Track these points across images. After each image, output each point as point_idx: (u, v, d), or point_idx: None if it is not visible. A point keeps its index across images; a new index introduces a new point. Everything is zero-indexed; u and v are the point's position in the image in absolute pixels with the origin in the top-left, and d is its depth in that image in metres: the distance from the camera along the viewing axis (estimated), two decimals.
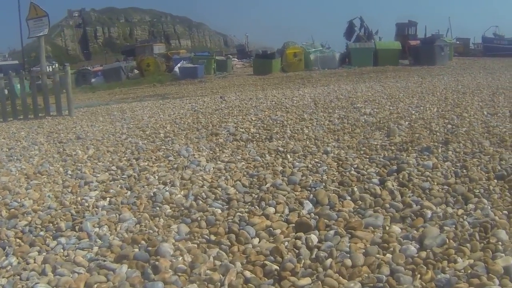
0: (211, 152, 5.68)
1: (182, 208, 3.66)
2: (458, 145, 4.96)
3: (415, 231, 2.87)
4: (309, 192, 3.77)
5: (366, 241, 2.78)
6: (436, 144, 5.06)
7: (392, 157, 4.57)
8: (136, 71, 33.44)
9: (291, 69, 27.17)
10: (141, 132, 7.80)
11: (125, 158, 5.70)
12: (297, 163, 4.68)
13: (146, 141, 6.81)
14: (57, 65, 71.63)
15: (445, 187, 3.61)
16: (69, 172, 5.12)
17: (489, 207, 3.15)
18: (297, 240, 2.83)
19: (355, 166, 4.39)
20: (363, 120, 6.91)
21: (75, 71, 36.59)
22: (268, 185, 4.02)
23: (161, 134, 7.32)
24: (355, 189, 3.68)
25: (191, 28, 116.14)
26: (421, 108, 8.04)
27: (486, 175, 3.85)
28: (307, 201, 3.55)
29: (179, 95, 17.57)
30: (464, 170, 4.00)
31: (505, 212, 3.07)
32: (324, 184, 3.92)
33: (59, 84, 13.38)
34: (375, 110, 7.98)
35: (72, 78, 32.54)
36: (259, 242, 2.92)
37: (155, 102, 14.54)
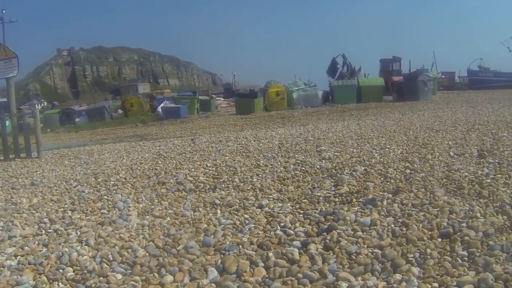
0: (149, 203, 5.25)
1: (85, 271, 3.31)
2: (408, 195, 4.50)
3: None
4: (222, 255, 3.30)
5: None
6: (384, 194, 4.60)
7: (329, 212, 4.08)
8: (120, 111, 33.21)
9: (273, 108, 26.97)
10: (93, 179, 7.40)
11: (62, 209, 5.36)
12: (223, 220, 4.21)
13: (92, 190, 6.44)
14: (45, 103, 71.77)
15: (376, 250, 3.12)
16: (1, 224, 4.83)
17: (416, 280, 2.66)
18: None
19: (283, 224, 3.90)
20: (318, 166, 6.44)
21: (59, 111, 36.49)
22: (180, 247, 3.58)
23: (111, 182, 6.92)
24: (271, 254, 3.19)
25: (179, 67, 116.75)
26: (386, 149, 7.62)
27: (429, 233, 3.37)
28: (213, 268, 3.08)
29: (158, 136, 17.32)
30: (404, 228, 3.52)
31: (435, 286, 2.59)
32: (240, 246, 3.44)
33: (29, 126, 13.07)
34: (336, 154, 7.53)
35: (56, 118, 32.89)
36: None
37: (126, 144, 14.14)
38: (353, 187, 5.01)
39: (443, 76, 42.11)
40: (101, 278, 3.15)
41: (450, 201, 4.17)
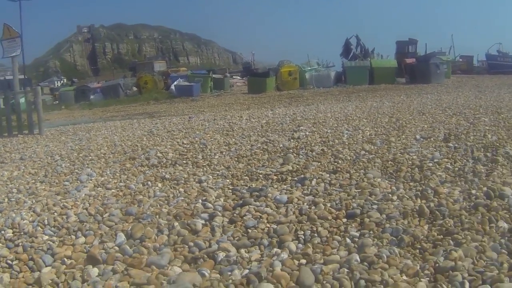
0: (110, 177, 5.59)
1: (22, 233, 3.62)
2: (343, 175, 4.72)
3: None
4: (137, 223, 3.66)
5: None
6: (322, 174, 4.82)
7: (257, 189, 4.31)
8: (134, 89, 33.61)
9: (285, 88, 27.05)
10: (75, 154, 7.76)
11: (33, 181, 5.70)
12: (158, 193, 4.56)
13: (69, 164, 6.77)
14: (65, 80, 72.73)
15: (273, 226, 3.36)
16: None
17: (287, 255, 2.90)
18: None
19: (204, 198, 4.19)
20: (281, 146, 6.69)
21: (74, 88, 37.04)
22: (106, 215, 3.97)
23: (90, 157, 7.27)
24: (177, 223, 3.51)
25: (199, 45, 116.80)
26: (359, 131, 7.82)
27: (336, 213, 3.57)
28: (122, 233, 3.44)
29: (166, 114, 17.57)
30: (314, 207, 3.75)
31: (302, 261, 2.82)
32: (157, 216, 3.79)
33: (31, 104, 13.41)
34: (308, 134, 7.76)
35: (71, 95, 33.46)
36: None
37: (126, 122, 14.50)
38: (297, 165, 5.24)
39: (460, 60, 41.60)
40: (30, 238, 3.47)
41: (375, 182, 4.38)
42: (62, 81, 73.25)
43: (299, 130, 8.31)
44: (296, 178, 4.69)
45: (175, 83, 30.54)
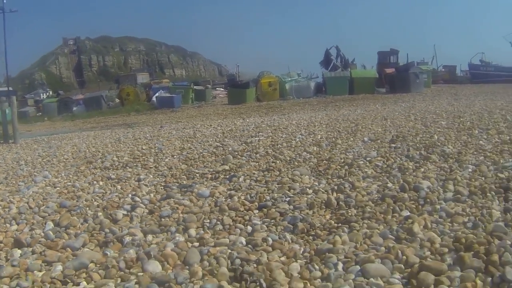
0: (64, 178, 5.92)
1: None
2: (271, 172, 5.12)
3: None
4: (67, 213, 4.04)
5: None
6: (254, 172, 5.21)
7: (187, 186, 4.72)
8: (117, 100, 33.94)
9: (265, 99, 27.34)
10: (40, 159, 8.14)
11: None
12: (97, 189, 4.99)
13: (30, 168, 7.20)
14: (51, 92, 72.67)
15: (185, 215, 3.75)
16: None
17: (181, 239, 3.30)
18: None
19: (134, 193, 4.58)
20: (230, 149, 7.08)
21: (58, 99, 37.29)
22: (43, 207, 4.34)
23: (52, 161, 7.65)
24: (100, 213, 3.95)
25: (185, 57, 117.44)
26: (312, 135, 8.20)
27: (250, 205, 3.95)
28: (51, 222, 3.83)
29: (144, 124, 17.88)
30: (229, 199, 4.14)
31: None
32: (87, 208, 4.20)
33: (5, 114, 13.68)
34: (262, 138, 8.14)
35: (54, 106, 33.71)
36: None
37: (100, 132, 14.82)
38: (234, 165, 5.61)
39: (443, 70, 42.28)
40: None
41: (298, 178, 4.74)
42: (48, 93, 73.21)
43: (257, 135, 8.70)
44: (227, 176, 5.03)
45: (157, 94, 30.88)
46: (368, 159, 5.54)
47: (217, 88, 43.05)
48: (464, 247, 2.71)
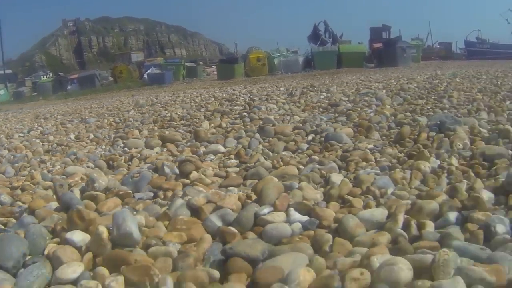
0: None
1: None
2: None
3: None
4: None
5: None
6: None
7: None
8: (110, 78, 34.68)
9: (254, 74, 27.91)
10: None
11: None
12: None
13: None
14: (51, 74, 73.15)
15: None
16: None
17: None
18: None
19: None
20: (164, 115, 7.76)
21: (52, 79, 38.00)
22: None
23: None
24: None
25: (186, 37, 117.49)
26: (252, 95, 8.90)
27: None
28: None
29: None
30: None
31: None
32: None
33: None
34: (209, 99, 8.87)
35: (49, 86, 34.44)
36: None
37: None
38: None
39: (438, 46, 42.65)
40: None
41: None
42: (48, 75, 73.57)
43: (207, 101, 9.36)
44: None
45: (148, 71, 31.52)
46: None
47: (212, 66, 43.54)
48: None
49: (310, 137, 4.49)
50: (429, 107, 5.87)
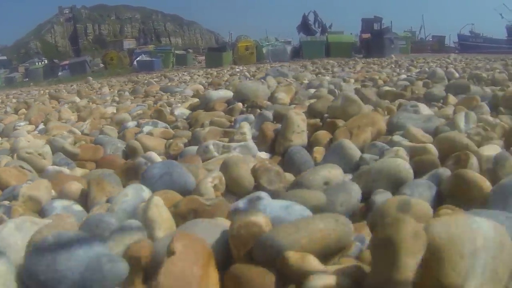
0: None
1: None
2: None
3: None
4: None
5: None
6: None
7: None
8: (101, 65, 34.99)
9: (242, 62, 28.06)
10: None
11: None
12: None
13: None
14: (46, 61, 73.33)
15: None
16: None
17: None
18: None
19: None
20: None
21: (44, 65, 38.27)
22: None
23: None
24: None
25: (182, 26, 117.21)
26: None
27: None
28: None
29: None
30: None
31: None
32: None
33: None
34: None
35: (40, 72, 34.72)
36: None
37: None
38: None
39: (431, 40, 42.85)
40: None
41: None
42: (43, 62, 73.71)
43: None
44: None
45: (138, 58, 31.76)
46: None
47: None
48: None
49: None
50: None
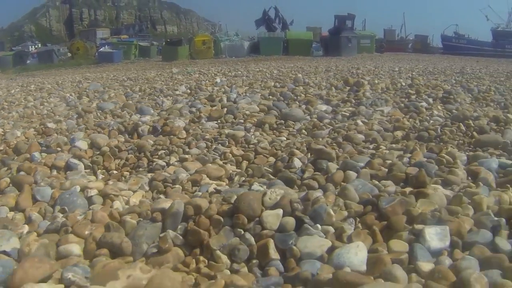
0: None
1: None
2: None
3: None
4: None
5: None
6: None
7: None
8: (69, 54, 35.50)
9: (199, 56, 28.64)
10: None
11: None
12: None
13: None
14: (39, 45, 74.28)
15: None
16: None
17: None
18: None
19: None
20: None
21: (14, 53, 38.89)
22: None
23: None
24: None
25: (178, 14, 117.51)
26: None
27: None
28: None
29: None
30: None
31: None
32: None
33: None
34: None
35: (9, 59, 35.31)
36: None
37: None
38: None
39: (411, 39, 43.00)
40: None
41: None
42: (36, 46, 74.62)
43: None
44: None
45: (100, 49, 32.30)
46: None
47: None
48: None
49: None
50: None
